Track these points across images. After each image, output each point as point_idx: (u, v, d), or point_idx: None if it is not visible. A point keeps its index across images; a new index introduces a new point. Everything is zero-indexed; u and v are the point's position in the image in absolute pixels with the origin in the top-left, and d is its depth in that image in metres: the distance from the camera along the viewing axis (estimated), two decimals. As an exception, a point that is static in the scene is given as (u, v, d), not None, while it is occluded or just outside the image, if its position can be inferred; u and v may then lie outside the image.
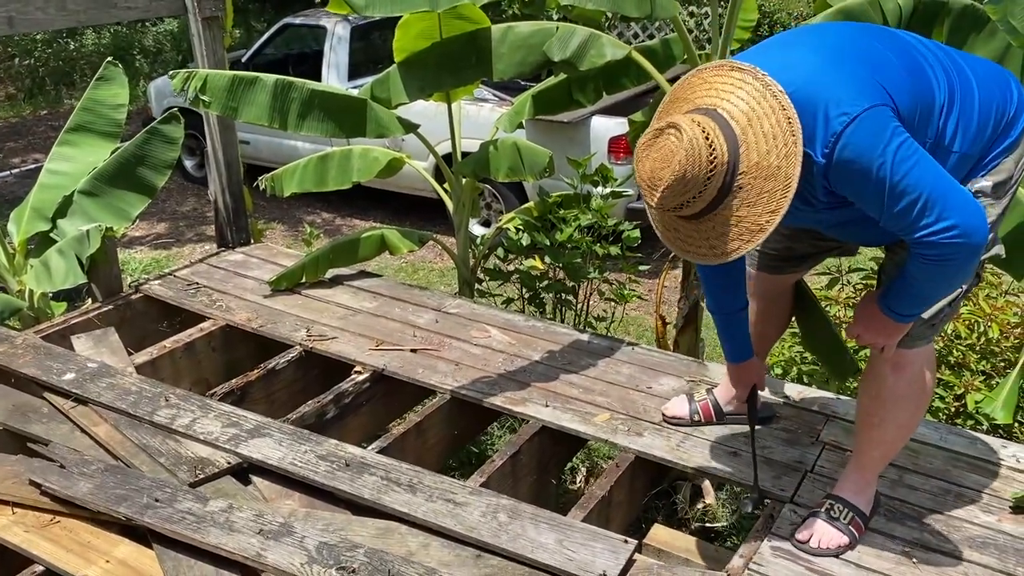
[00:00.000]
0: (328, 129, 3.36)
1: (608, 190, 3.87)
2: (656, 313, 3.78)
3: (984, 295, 3.42)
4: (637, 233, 3.81)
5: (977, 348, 3.32)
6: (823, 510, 2.23)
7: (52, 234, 3.60)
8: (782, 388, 2.90)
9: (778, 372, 3.50)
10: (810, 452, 2.56)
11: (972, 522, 2.29)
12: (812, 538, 2.19)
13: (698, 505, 3.18)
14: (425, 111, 4.40)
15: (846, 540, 2.18)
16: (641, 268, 3.92)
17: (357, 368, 3.03)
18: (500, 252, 4.01)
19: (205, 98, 3.22)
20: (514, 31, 3.25)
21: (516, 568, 2.09)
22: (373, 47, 7.13)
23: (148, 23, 12.69)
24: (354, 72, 6.81)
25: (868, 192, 1.83)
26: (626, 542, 2.14)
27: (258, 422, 2.62)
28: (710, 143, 1.78)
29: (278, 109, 3.28)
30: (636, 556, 2.13)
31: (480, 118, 5.85)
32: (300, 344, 3.17)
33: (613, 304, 4.08)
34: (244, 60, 7.26)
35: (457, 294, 3.90)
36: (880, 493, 2.32)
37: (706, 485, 3.19)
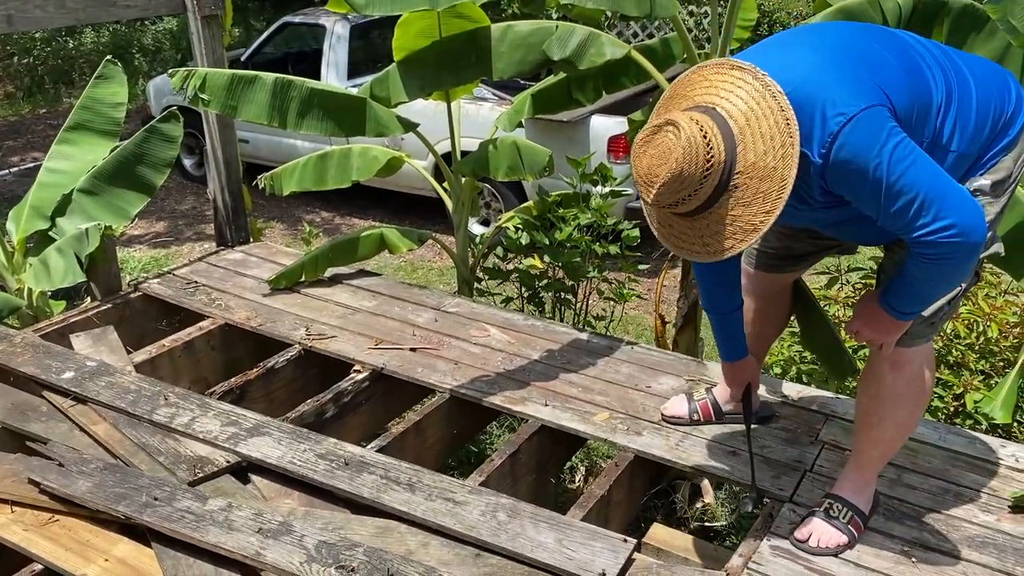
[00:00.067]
0: (327, 128, 3.35)
1: (607, 189, 3.87)
2: (655, 312, 3.78)
3: (983, 295, 3.42)
4: (636, 232, 3.81)
5: (976, 348, 3.32)
6: (822, 509, 2.23)
7: (51, 232, 3.60)
8: (781, 387, 2.90)
9: (777, 371, 3.50)
10: (809, 451, 2.56)
11: (971, 521, 2.30)
12: (811, 537, 2.19)
13: (697, 504, 3.18)
14: (424, 110, 4.40)
15: (845, 539, 2.18)
16: (640, 267, 3.92)
17: (356, 367, 3.03)
18: (499, 251, 4.01)
19: (204, 96, 3.22)
20: (513, 30, 3.25)
21: (515, 567, 2.09)
22: (372, 46, 7.13)
23: (147, 22, 12.68)
24: (353, 71, 6.81)
25: (865, 192, 1.83)
26: (625, 541, 2.14)
27: (257, 421, 2.62)
28: (708, 141, 1.78)
29: (277, 108, 3.28)
30: (635, 555, 2.13)
31: (479, 117, 5.84)
32: (299, 343, 3.17)
33: (612, 303, 4.08)
34: (243, 59, 7.26)
35: (456, 293, 3.90)
36: (879, 492, 2.32)
37: (705, 484, 3.19)
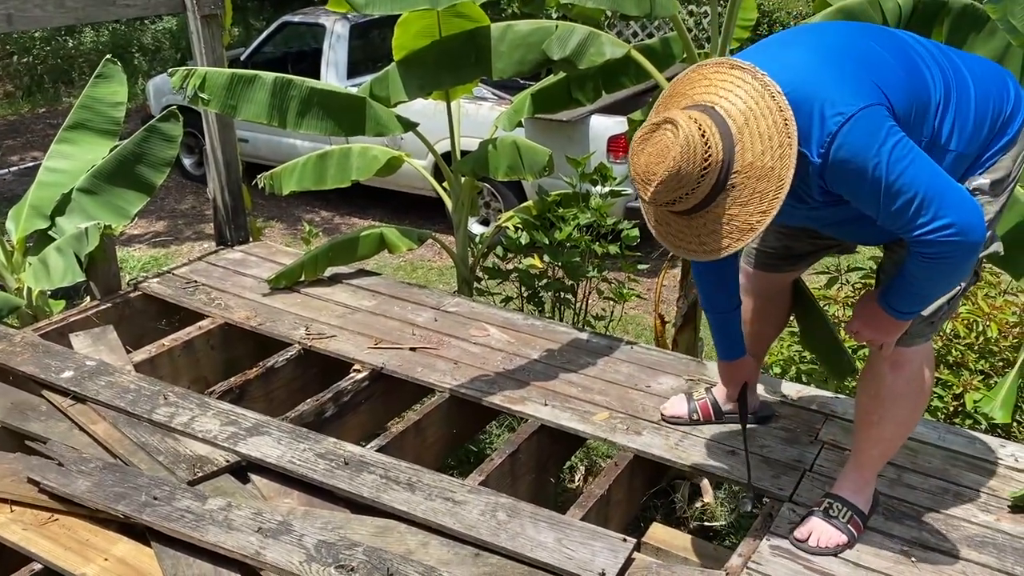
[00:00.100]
0: (327, 127, 3.35)
1: (607, 189, 3.87)
2: (655, 312, 3.79)
3: (983, 294, 3.43)
4: (636, 232, 3.81)
5: (976, 347, 3.32)
6: (822, 509, 2.23)
7: (51, 232, 3.60)
8: (781, 387, 2.90)
9: (777, 371, 3.50)
10: (809, 451, 2.56)
11: (971, 521, 2.30)
12: (811, 537, 2.19)
13: (697, 504, 3.18)
14: (424, 109, 4.40)
15: (845, 539, 2.18)
16: (640, 267, 3.92)
17: (356, 366, 3.03)
18: (499, 251, 4.01)
19: (204, 96, 3.22)
20: (513, 29, 3.25)
21: (515, 567, 2.09)
22: (372, 45, 7.13)
23: (147, 21, 12.68)
24: (353, 70, 6.81)
25: (864, 191, 1.83)
26: (625, 541, 2.14)
27: (257, 420, 2.62)
28: (706, 140, 1.78)
29: (277, 107, 3.28)
30: (635, 555, 2.13)
31: (479, 116, 5.84)
32: (299, 342, 3.17)
33: (612, 303, 4.08)
34: (243, 58, 7.25)
35: (456, 293, 3.90)
36: (879, 492, 2.33)
37: (704, 484, 3.19)
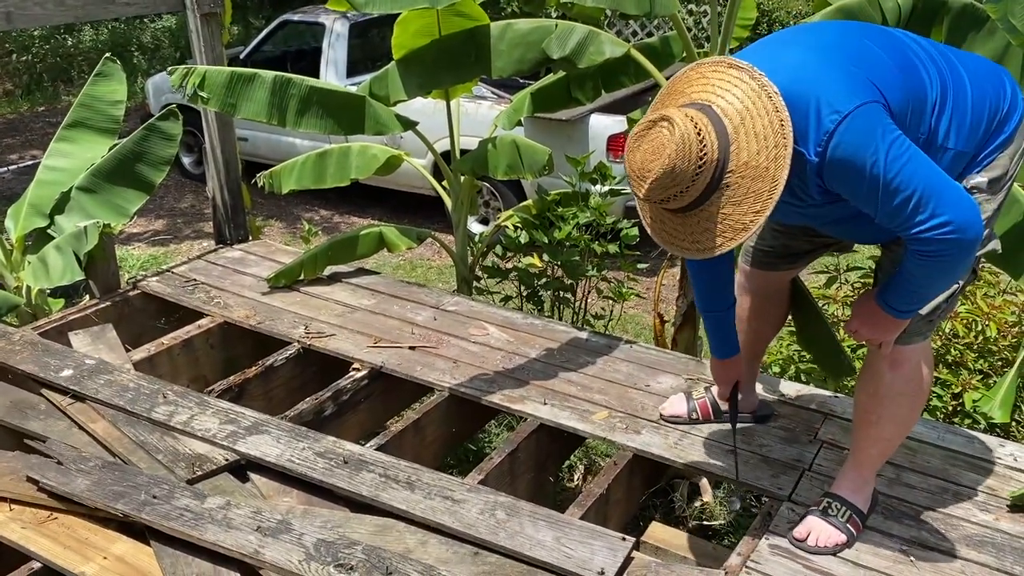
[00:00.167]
0: (326, 126, 3.35)
1: (607, 188, 3.86)
2: (654, 311, 3.79)
3: (982, 294, 3.43)
4: (635, 231, 3.81)
5: (975, 347, 3.32)
6: (821, 508, 2.23)
7: (50, 230, 3.60)
8: (780, 386, 2.91)
9: (776, 370, 3.50)
10: (808, 450, 2.57)
11: (970, 521, 2.30)
12: (810, 536, 2.19)
13: (696, 503, 3.17)
14: (424, 108, 4.40)
15: (844, 538, 2.18)
16: (639, 266, 3.92)
17: (355, 365, 3.03)
18: (498, 250, 4.01)
19: (203, 94, 3.21)
20: (513, 28, 3.25)
21: (514, 565, 2.09)
22: (371, 44, 7.12)
23: (146, 19, 12.68)
24: (352, 69, 6.80)
25: (862, 190, 1.84)
26: (624, 540, 2.14)
27: (256, 419, 2.62)
28: (701, 139, 1.79)
29: (276, 106, 3.28)
30: (634, 554, 2.13)
31: (479, 116, 5.84)
32: (298, 341, 3.17)
33: (611, 302, 4.08)
34: (242, 57, 7.25)
35: (455, 292, 3.90)
36: (878, 491, 2.33)
37: (703, 483, 3.19)
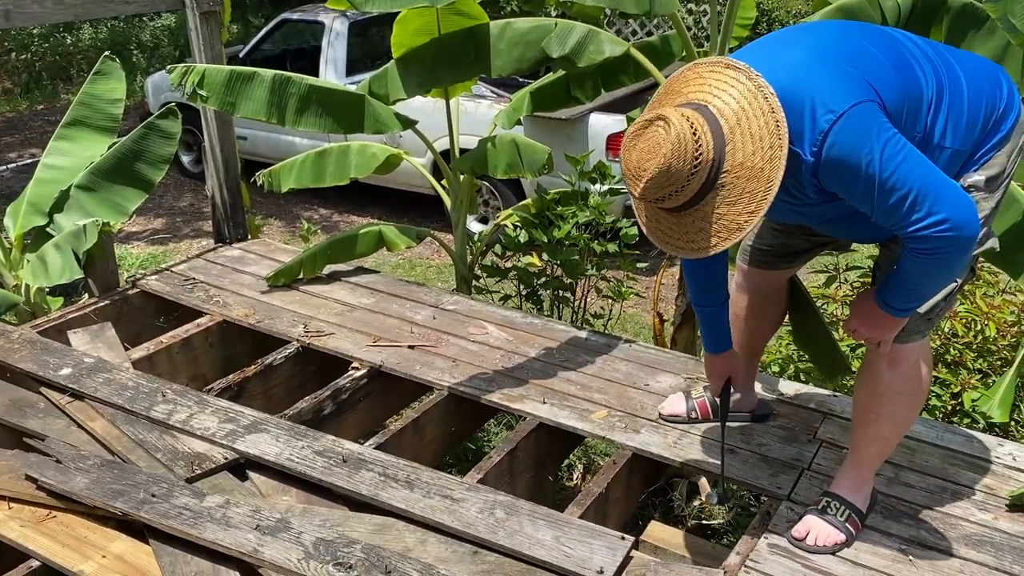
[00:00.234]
0: (326, 125, 3.35)
1: (606, 187, 3.86)
2: (653, 310, 3.79)
3: (981, 293, 3.43)
4: (635, 230, 3.80)
5: (974, 346, 3.32)
6: (820, 507, 2.24)
7: (49, 229, 3.59)
8: (779, 386, 2.91)
9: (775, 369, 3.50)
10: (807, 449, 2.57)
11: (968, 520, 2.30)
12: (809, 535, 2.19)
13: (695, 502, 3.18)
14: (423, 107, 4.40)
15: (842, 537, 2.18)
16: (639, 265, 3.92)
17: (354, 364, 3.03)
18: (498, 249, 4.01)
19: (203, 93, 3.21)
20: (512, 27, 3.25)
21: (513, 564, 2.09)
22: (371, 43, 7.12)
23: (145, 18, 12.66)
24: (352, 68, 6.80)
25: (858, 189, 1.84)
26: (623, 539, 2.14)
27: (255, 418, 2.62)
28: (697, 139, 1.80)
29: (276, 104, 3.27)
30: (633, 553, 2.13)
31: (478, 114, 5.84)
32: (297, 340, 3.17)
33: (611, 301, 4.08)
34: (242, 55, 7.24)
35: (455, 291, 3.90)
36: (877, 490, 2.33)
37: (703, 482, 3.18)
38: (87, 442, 2.56)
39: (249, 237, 4.14)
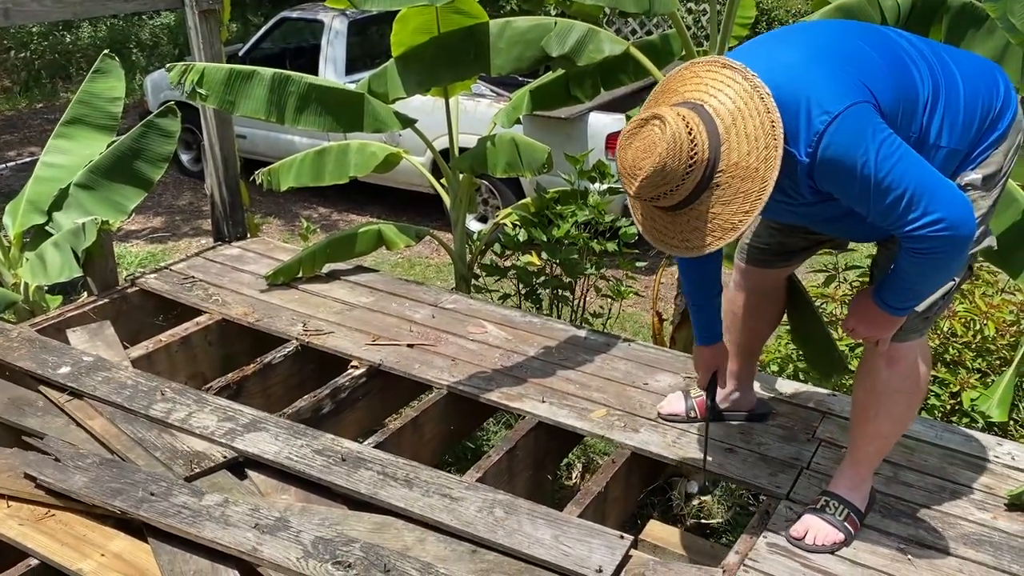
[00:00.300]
0: (325, 123, 3.35)
1: (605, 186, 3.86)
2: (653, 309, 3.79)
3: (980, 293, 3.43)
4: (634, 229, 3.80)
5: (973, 346, 3.32)
6: (818, 506, 2.24)
7: (48, 227, 3.59)
8: (778, 385, 2.91)
9: (774, 369, 3.50)
10: (806, 449, 2.57)
11: (967, 519, 2.30)
12: (807, 534, 2.19)
13: (693, 501, 3.18)
14: (423, 106, 4.39)
15: (841, 536, 2.18)
16: (638, 264, 3.92)
17: (353, 363, 3.03)
18: (497, 248, 4.01)
19: (202, 91, 3.21)
20: (512, 26, 3.25)
21: (512, 563, 2.09)
22: (370, 42, 7.11)
23: (145, 16, 12.65)
24: (351, 67, 6.79)
25: (854, 189, 1.84)
26: (622, 538, 2.14)
27: (254, 416, 2.62)
28: (692, 138, 1.80)
29: (275, 103, 3.27)
30: (632, 552, 2.13)
31: (478, 113, 5.84)
32: (296, 339, 3.17)
33: (610, 300, 4.08)
34: (241, 54, 7.24)
35: (454, 289, 3.90)
36: (875, 490, 2.33)
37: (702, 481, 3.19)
38: (86, 440, 2.55)
39: (248, 236, 4.13)
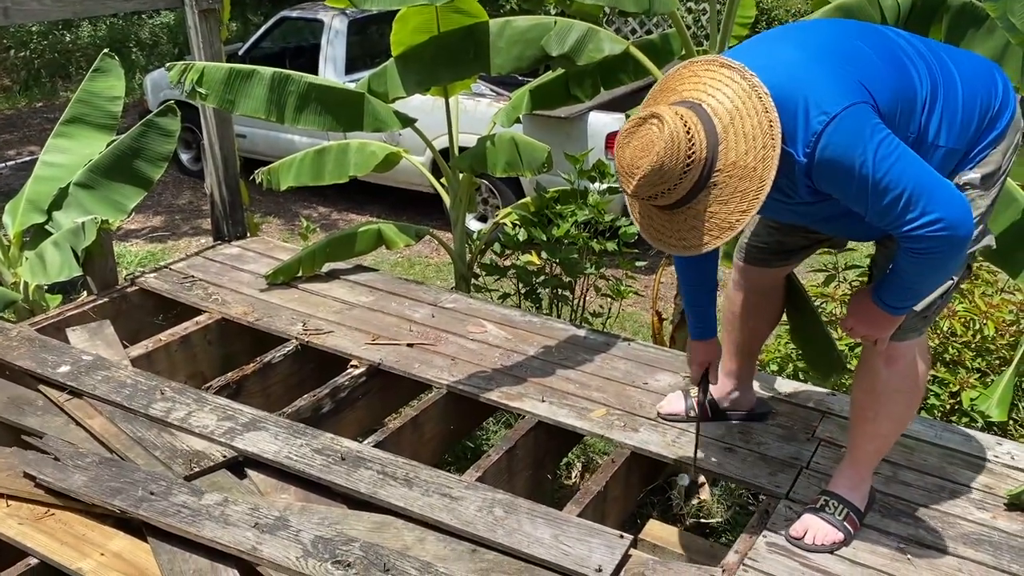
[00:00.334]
0: (325, 123, 3.35)
1: (605, 186, 3.86)
2: (652, 309, 3.79)
3: (980, 293, 3.43)
4: (634, 229, 3.80)
5: (973, 345, 3.32)
6: (818, 506, 2.24)
7: (47, 226, 3.59)
8: (778, 384, 2.91)
9: (774, 368, 3.50)
10: (806, 448, 2.57)
11: (966, 519, 2.30)
12: (807, 534, 2.19)
13: (693, 501, 3.18)
14: (422, 105, 4.39)
15: (841, 536, 2.18)
16: (638, 264, 3.92)
17: (353, 362, 3.03)
18: (496, 247, 4.01)
19: (202, 91, 3.21)
20: (512, 25, 3.25)
21: (512, 563, 2.09)
22: (370, 41, 7.11)
23: (145, 15, 12.64)
24: (351, 66, 6.80)
25: (851, 190, 1.84)
26: (621, 537, 2.14)
27: (254, 416, 2.62)
28: (690, 137, 1.80)
29: (275, 102, 3.27)
30: (631, 551, 2.13)
31: (477, 113, 5.84)
32: (296, 338, 3.17)
33: (609, 300, 4.08)
34: (241, 53, 7.24)
35: (453, 289, 3.90)
36: (875, 489, 2.33)
37: (701, 481, 3.19)
38: (85, 440, 2.55)
39: (248, 235, 4.13)
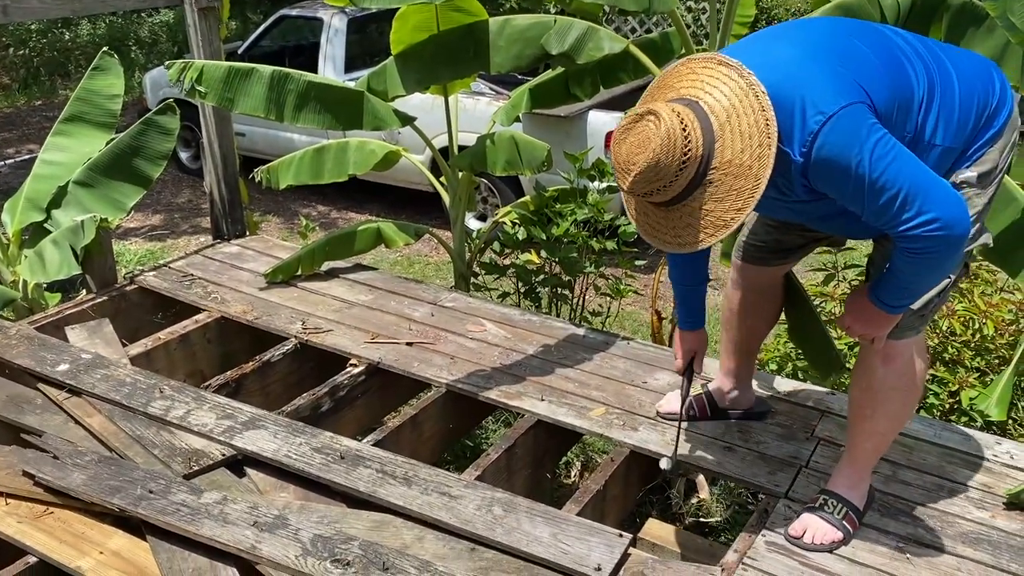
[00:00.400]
0: (324, 121, 3.34)
1: (605, 185, 3.86)
2: (652, 308, 3.79)
3: (979, 292, 3.43)
4: (633, 228, 3.80)
5: (972, 345, 3.32)
6: (817, 505, 2.24)
7: (46, 225, 3.59)
8: (777, 383, 2.91)
9: (773, 367, 3.50)
10: (805, 447, 2.57)
11: (965, 518, 2.30)
12: (806, 533, 2.19)
13: (692, 500, 3.18)
14: (422, 104, 4.39)
15: (840, 535, 2.19)
16: (637, 263, 3.92)
17: (352, 361, 3.03)
18: (496, 246, 4.01)
19: (201, 89, 3.21)
20: (512, 24, 3.25)
21: (511, 561, 2.09)
22: (370, 40, 7.11)
23: (144, 14, 12.63)
24: (350, 65, 6.79)
25: (848, 189, 1.85)
26: (620, 536, 2.14)
27: (253, 414, 2.62)
28: (687, 134, 1.81)
29: (274, 101, 3.27)
30: (631, 550, 2.13)
31: (477, 111, 5.83)
32: (295, 337, 3.17)
33: (609, 299, 4.08)
34: (240, 52, 7.24)
35: (453, 288, 3.90)
36: (874, 488, 2.33)
37: (700, 480, 3.19)
38: (84, 438, 2.55)
39: (247, 233, 4.13)
